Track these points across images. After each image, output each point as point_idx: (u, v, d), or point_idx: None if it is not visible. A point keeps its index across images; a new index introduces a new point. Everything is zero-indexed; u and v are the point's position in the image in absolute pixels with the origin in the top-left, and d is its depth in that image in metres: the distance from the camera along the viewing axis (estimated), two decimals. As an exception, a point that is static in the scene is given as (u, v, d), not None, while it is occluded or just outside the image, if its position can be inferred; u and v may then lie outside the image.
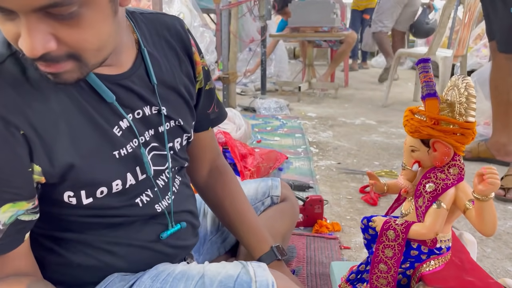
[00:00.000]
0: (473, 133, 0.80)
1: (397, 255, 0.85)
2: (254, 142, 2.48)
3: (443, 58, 3.05)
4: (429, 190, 0.82)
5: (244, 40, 4.43)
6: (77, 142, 0.62)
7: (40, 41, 0.50)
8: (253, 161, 1.81)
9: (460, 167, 0.83)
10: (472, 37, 4.25)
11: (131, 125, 0.68)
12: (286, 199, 1.10)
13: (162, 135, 0.74)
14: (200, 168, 0.95)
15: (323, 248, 1.32)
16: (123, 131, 0.67)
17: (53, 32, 0.51)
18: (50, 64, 0.53)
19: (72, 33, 0.52)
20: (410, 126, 0.84)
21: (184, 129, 0.80)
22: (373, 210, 1.62)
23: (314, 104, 3.72)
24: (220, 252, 1.03)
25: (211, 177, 0.96)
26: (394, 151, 2.37)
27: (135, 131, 0.68)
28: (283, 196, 1.09)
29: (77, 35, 0.53)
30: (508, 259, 1.27)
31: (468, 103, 0.79)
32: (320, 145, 2.49)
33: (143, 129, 0.71)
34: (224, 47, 3.28)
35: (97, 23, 0.54)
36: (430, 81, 0.82)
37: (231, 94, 3.33)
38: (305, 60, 4.46)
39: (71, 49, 0.54)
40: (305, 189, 1.78)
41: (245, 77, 4.33)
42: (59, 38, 0.52)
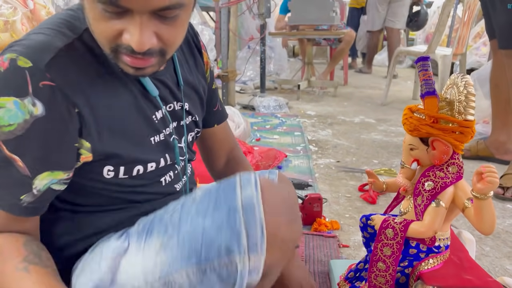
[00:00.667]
0: (472, 132, 0.80)
1: (396, 253, 0.85)
2: (253, 140, 2.48)
3: (443, 57, 3.05)
4: (428, 189, 0.82)
5: (244, 38, 4.42)
6: (125, 123, 0.68)
7: (148, 37, 0.58)
8: (252, 159, 1.81)
9: (459, 165, 0.83)
10: (471, 35, 4.24)
11: (164, 116, 0.75)
12: None
13: (182, 128, 0.81)
14: (217, 159, 1.02)
15: (322, 246, 1.32)
16: (158, 120, 0.74)
17: (156, 30, 0.59)
18: (144, 58, 0.60)
19: (170, 31, 0.60)
20: (409, 124, 0.84)
21: (197, 125, 0.87)
22: (372, 208, 1.62)
23: (313, 102, 3.71)
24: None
25: (228, 167, 1.01)
26: (393, 149, 2.37)
27: (167, 121, 0.76)
28: None
29: (173, 33, 0.61)
30: (507, 258, 1.27)
31: (467, 101, 0.79)
32: (319, 143, 2.49)
33: (170, 122, 0.78)
34: (223, 45, 3.27)
35: (185, 23, 0.63)
36: (429, 79, 0.82)
37: (230, 92, 3.33)
38: (304, 58, 4.45)
39: (163, 46, 0.61)
40: (304, 187, 1.78)
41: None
42: (159, 35, 0.60)
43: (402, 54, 3.86)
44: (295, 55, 6.77)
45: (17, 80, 0.57)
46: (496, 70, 1.97)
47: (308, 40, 4.25)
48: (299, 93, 3.83)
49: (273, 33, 4.24)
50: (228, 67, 3.30)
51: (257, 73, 4.24)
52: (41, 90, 0.58)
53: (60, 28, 0.63)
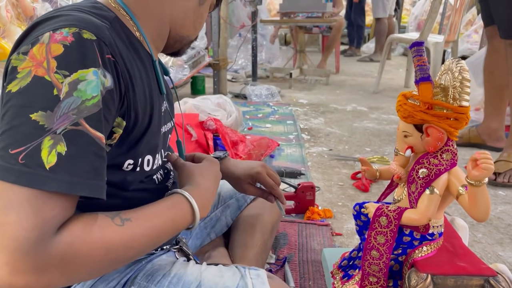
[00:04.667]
0: (466, 118, 0.79)
1: (390, 241, 0.84)
2: (245, 129, 2.46)
3: (435, 44, 3.03)
4: (422, 176, 0.81)
5: (235, 26, 4.37)
6: (151, 109, 0.67)
7: None
8: (245, 148, 1.79)
9: (453, 152, 0.82)
10: (463, 22, 4.24)
11: (166, 110, 0.75)
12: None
13: (171, 129, 0.81)
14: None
15: (315, 234, 1.32)
16: (163, 113, 0.74)
17: None
18: None
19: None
20: (403, 111, 0.83)
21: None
22: (365, 196, 1.61)
23: (305, 90, 3.70)
24: (211, 237, 1.02)
25: None
26: (385, 137, 2.37)
27: (167, 117, 0.75)
28: None
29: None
30: (499, 244, 1.28)
31: (462, 87, 0.77)
32: (312, 131, 2.48)
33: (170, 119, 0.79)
34: (214, 33, 3.23)
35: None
36: (423, 65, 0.80)
37: (221, 81, 3.29)
38: (296, 46, 4.42)
39: None
40: (297, 175, 1.77)
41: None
42: None
43: (394, 41, 3.84)
44: (287, 43, 6.73)
45: (88, 51, 0.55)
46: (491, 57, 1.96)
47: (299, 27, 4.21)
48: (291, 82, 3.81)
49: (265, 20, 4.20)
50: (219, 55, 3.26)
51: (248, 61, 4.21)
52: (107, 62, 0.57)
53: (95, 12, 0.62)
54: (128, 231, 0.56)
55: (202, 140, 1.75)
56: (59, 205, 0.50)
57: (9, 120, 0.51)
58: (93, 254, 0.51)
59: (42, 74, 0.52)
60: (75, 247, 0.50)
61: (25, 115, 0.51)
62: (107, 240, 0.53)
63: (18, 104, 0.51)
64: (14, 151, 0.49)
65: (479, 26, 4.40)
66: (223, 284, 0.66)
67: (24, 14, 1.74)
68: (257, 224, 1.02)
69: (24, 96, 0.52)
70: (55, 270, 0.49)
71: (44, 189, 0.49)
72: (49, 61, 0.53)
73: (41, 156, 0.49)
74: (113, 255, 0.54)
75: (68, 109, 0.52)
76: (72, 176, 0.51)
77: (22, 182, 0.48)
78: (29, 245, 0.47)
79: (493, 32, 1.91)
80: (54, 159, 0.50)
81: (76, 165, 0.51)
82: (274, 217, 1.06)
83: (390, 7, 5.14)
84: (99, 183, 0.54)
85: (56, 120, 0.51)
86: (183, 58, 2.87)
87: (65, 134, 0.51)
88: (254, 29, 3.65)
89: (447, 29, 3.11)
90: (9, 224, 0.47)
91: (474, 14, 4.85)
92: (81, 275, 0.53)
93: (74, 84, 0.52)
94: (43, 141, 0.50)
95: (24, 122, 0.50)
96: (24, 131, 0.50)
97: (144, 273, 0.68)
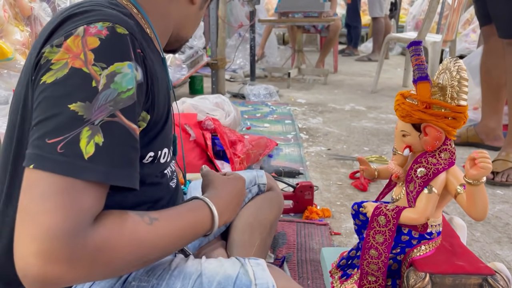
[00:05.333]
0: (464, 117, 0.79)
1: (388, 240, 0.84)
2: (243, 129, 2.46)
3: (433, 43, 3.04)
4: (420, 175, 0.81)
5: (233, 25, 4.37)
6: (168, 103, 0.69)
7: None
8: (243, 148, 1.79)
9: (451, 151, 0.82)
10: (460, 22, 4.25)
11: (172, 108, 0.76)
12: (271, 189, 1.10)
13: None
14: None
15: (313, 234, 1.32)
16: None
17: None
18: None
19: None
20: (401, 110, 0.83)
21: None
22: (363, 196, 1.62)
23: (303, 90, 3.70)
24: (209, 238, 1.02)
25: None
26: (383, 136, 2.37)
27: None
28: (268, 186, 1.09)
29: None
30: (497, 243, 1.28)
31: (460, 86, 0.77)
32: (310, 131, 2.48)
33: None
34: (212, 33, 3.23)
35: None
36: (422, 64, 0.80)
37: (220, 80, 3.29)
38: (294, 45, 4.42)
39: None
40: (295, 175, 1.77)
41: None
42: None
43: (392, 40, 3.84)
44: (285, 42, 6.73)
45: (123, 45, 0.56)
46: (487, 56, 1.96)
47: (298, 27, 4.21)
48: (290, 81, 3.81)
49: (263, 20, 4.20)
50: (218, 55, 3.25)
51: (247, 61, 4.20)
52: (138, 56, 0.58)
53: (116, 9, 0.63)
54: (156, 230, 0.57)
55: (200, 139, 1.75)
56: (94, 195, 0.51)
57: (45, 110, 0.52)
58: (124, 250, 0.52)
59: (79, 65, 0.53)
60: (109, 241, 0.50)
61: (63, 105, 0.51)
62: (138, 237, 0.54)
63: (55, 95, 0.52)
64: (51, 140, 0.50)
65: (477, 26, 4.41)
66: (223, 272, 0.67)
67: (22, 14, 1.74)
68: (255, 223, 1.02)
69: (61, 87, 0.52)
70: (88, 262, 0.49)
71: (83, 179, 0.49)
72: (86, 54, 0.53)
73: (80, 146, 0.50)
74: (141, 253, 0.55)
75: (105, 100, 0.52)
76: (109, 167, 0.51)
77: (61, 171, 0.49)
78: (66, 235, 0.47)
79: (489, 32, 1.91)
80: (92, 149, 0.50)
81: (113, 156, 0.52)
82: (272, 215, 1.06)
83: (386, 7, 5.15)
84: (134, 173, 0.55)
85: (94, 111, 0.51)
86: (181, 58, 2.87)
87: (102, 125, 0.52)
88: (252, 29, 3.64)
89: (445, 28, 3.11)
90: (46, 212, 0.47)
91: (472, 14, 4.85)
92: (109, 270, 0.53)
93: (111, 76, 0.53)
94: (82, 131, 0.50)
95: (62, 112, 0.51)
96: (63, 121, 0.50)
97: (144, 269, 0.68)
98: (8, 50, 1.58)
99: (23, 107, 0.60)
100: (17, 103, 0.62)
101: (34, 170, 0.49)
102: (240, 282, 0.65)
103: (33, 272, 0.46)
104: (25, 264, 0.47)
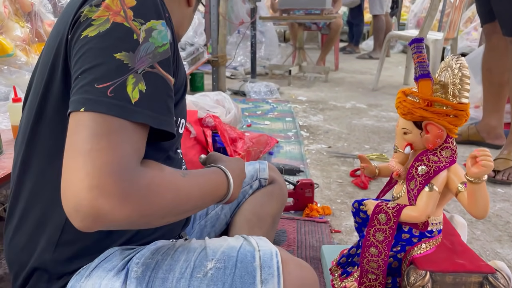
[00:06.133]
0: (466, 115, 0.79)
1: (388, 238, 0.84)
2: (244, 126, 2.45)
3: (434, 41, 3.03)
4: (421, 173, 0.81)
5: (234, 23, 4.36)
6: (185, 76, 0.71)
7: None
8: (243, 145, 1.79)
9: (453, 149, 0.82)
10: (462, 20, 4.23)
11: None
12: (274, 182, 1.10)
13: None
14: None
15: (313, 231, 1.31)
16: None
17: None
18: None
19: None
20: (402, 108, 0.83)
21: None
22: (364, 193, 1.61)
23: (304, 87, 3.69)
24: (211, 237, 1.02)
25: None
26: (384, 134, 2.36)
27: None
28: (271, 178, 1.09)
29: None
30: (497, 241, 1.28)
31: (462, 84, 0.77)
32: (311, 129, 2.47)
33: None
34: (213, 30, 3.22)
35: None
36: (423, 62, 0.80)
37: (220, 78, 3.28)
38: (295, 43, 4.41)
39: None
40: (296, 173, 1.77)
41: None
42: None
43: (393, 38, 3.83)
44: (286, 40, 6.71)
45: (156, 6, 0.60)
46: (489, 54, 1.96)
47: (299, 24, 4.20)
48: (290, 79, 3.80)
49: (264, 17, 4.18)
50: (218, 52, 3.25)
51: (247, 58, 4.20)
52: (167, 18, 0.62)
53: None
54: (189, 183, 0.61)
55: (201, 137, 1.75)
56: (140, 139, 0.54)
57: (91, 60, 0.55)
58: (167, 194, 0.55)
59: (121, 21, 0.56)
60: (155, 180, 0.53)
61: (109, 55, 0.54)
62: (177, 185, 0.58)
63: (100, 46, 0.55)
64: (100, 85, 0.53)
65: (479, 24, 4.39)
66: (227, 244, 0.69)
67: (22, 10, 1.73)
68: (255, 218, 1.02)
69: (105, 39, 0.55)
70: (137, 199, 0.50)
71: (133, 120, 0.53)
72: (125, 11, 0.57)
73: (127, 91, 0.53)
74: (178, 201, 0.58)
75: (145, 53, 0.56)
76: (153, 112, 0.55)
77: (113, 112, 0.52)
78: (119, 171, 0.49)
79: (491, 30, 1.90)
80: (137, 95, 0.54)
81: (154, 103, 0.56)
82: (273, 209, 1.06)
83: (386, 4, 5.14)
84: (172, 120, 0.59)
85: (137, 61, 0.55)
86: (182, 55, 2.86)
87: (144, 75, 0.55)
88: (253, 26, 3.63)
89: (446, 26, 3.10)
90: (101, 150, 0.50)
91: (474, 12, 4.84)
92: (154, 212, 0.54)
93: (149, 31, 0.57)
94: (128, 78, 0.54)
95: (109, 60, 0.54)
96: (110, 67, 0.54)
97: (148, 250, 0.69)
98: (8, 46, 1.58)
99: (50, 70, 0.63)
100: (43, 70, 0.65)
101: (85, 113, 0.52)
102: (244, 249, 0.67)
103: (86, 207, 0.48)
104: (77, 199, 0.48)
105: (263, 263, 0.65)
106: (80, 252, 0.67)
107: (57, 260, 0.66)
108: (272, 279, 0.63)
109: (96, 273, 0.65)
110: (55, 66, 0.62)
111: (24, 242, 0.68)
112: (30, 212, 0.67)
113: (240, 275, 0.64)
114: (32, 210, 0.67)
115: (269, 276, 0.63)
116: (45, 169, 0.65)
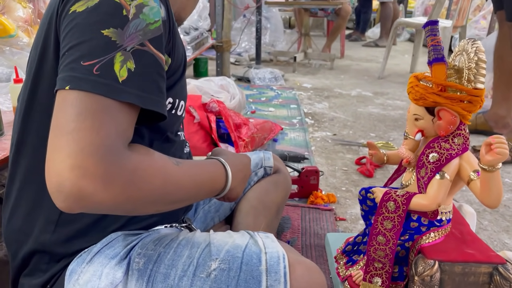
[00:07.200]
0: (481, 101, 0.76)
1: (397, 227, 0.82)
2: (248, 113, 2.43)
3: (443, 29, 2.98)
4: (433, 161, 0.79)
5: (239, 7, 4.29)
6: (184, 56, 0.69)
7: None
8: (248, 131, 1.77)
9: (465, 136, 0.79)
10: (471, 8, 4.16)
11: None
12: (278, 171, 1.08)
13: None
14: None
15: (318, 219, 1.30)
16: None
17: None
18: None
19: None
20: (414, 93, 0.80)
21: None
22: (369, 181, 1.59)
23: (309, 75, 3.65)
24: (215, 222, 1.01)
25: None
26: (390, 122, 2.34)
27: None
28: (275, 168, 1.07)
29: None
30: (505, 232, 1.26)
31: (477, 68, 0.74)
32: (316, 116, 2.45)
33: None
34: (218, 14, 3.17)
35: None
36: (438, 45, 0.77)
37: (225, 63, 3.25)
38: (301, 29, 4.35)
39: None
40: (300, 160, 1.75)
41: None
42: None
43: (401, 25, 3.77)
44: (291, 26, 6.63)
45: None
46: (501, 42, 1.92)
47: (305, 10, 4.14)
48: (295, 66, 3.76)
49: (270, 2, 4.12)
50: (223, 37, 3.20)
51: (252, 44, 4.15)
52: None
53: None
54: (182, 171, 0.58)
55: (204, 122, 1.73)
56: (128, 119, 0.52)
57: (78, 36, 0.52)
58: (154, 180, 0.53)
59: None
60: (142, 165, 0.51)
61: (96, 31, 0.52)
62: (166, 171, 0.55)
63: (88, 22, 0.53)
64: (86, 63, 0.50)
65: (488, 12, 4.31)
66: (232, 242, 0.67)
67: (24, -10, 1.70)
68: (260, 206, 1.00)
69: (93, 14, 0.53)
70: (121, 183, 0.49)
71: (120, 100, 0.50)
72: None
73: (114, 69, 0.51)
74: (167, 189, 0.55)
75: (135, 29, 0.54)
76: (141, 91, 0.53)
77: (99, 91, 0.49)
78: (103, 152, 0.47)
79: (503, 16, 1.86)
80: (125, 73, 0.52)
81: (144, 82, 0.53)
82: (278, 198, 1.04)
83: None
84: (162, 100, 0.57)
85: (126, 38, 0.53)
86: (186, 39, 2.83)
87: (133, 52, 0.53)
88: (259, 11, 3.58)
89: (455, 14, 3.05)
90: (85, 130, 0.48)
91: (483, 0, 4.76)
92: (139, 198, 0.52)
93: (140, 7, 0.55)
94: (115, 56, 0.52)
95: (96, 37, 0.52)
96: (97, 44, 0.51)
97: (151, 239, 0.67)
98: (10, 26, 1.55)
99: (43, 47, 0.61)
100: (36, 47, 0.63)
101: (70, 91, 0.50)
102: (250, 250, 0.64)
103: (67, 187, 0.46)
104: (59, 178, 0.46)
105: (270, 267, 0.62)
106: (79, 233, 0.65)
107: (57, 241, 0.65)
108: (279, 285, 0.61)
109: (98, 259, 0.63)
110: (47, 43, 0.60)
111: (21, 222, 0.67)
112: (25, 192, 0.66)
113: (245, 279, 0.61)
114: (27, 190, 0.66)
115: (275, 283, 0.61)
116: (39, 148, 0.63)
